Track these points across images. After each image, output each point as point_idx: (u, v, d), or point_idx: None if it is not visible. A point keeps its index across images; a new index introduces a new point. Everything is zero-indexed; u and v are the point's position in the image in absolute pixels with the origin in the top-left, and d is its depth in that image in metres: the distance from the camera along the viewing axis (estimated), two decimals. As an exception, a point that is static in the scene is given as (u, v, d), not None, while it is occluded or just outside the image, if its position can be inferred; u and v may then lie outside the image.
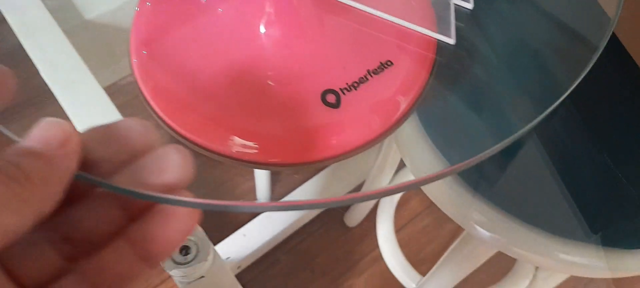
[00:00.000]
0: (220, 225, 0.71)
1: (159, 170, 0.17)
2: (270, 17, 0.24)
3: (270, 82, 0.24)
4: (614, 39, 0.36)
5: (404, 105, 0.25)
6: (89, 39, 0.32)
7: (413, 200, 0.85)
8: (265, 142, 0.24)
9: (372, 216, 0.77)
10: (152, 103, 0.26)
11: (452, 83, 0.29)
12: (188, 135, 0.25)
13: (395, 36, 0.26)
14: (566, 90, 0.23)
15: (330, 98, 0.24)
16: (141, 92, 0.26)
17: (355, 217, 0.77)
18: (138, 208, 0.17)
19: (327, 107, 0.24)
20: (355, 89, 0.24)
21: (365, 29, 0.25)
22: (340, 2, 0.20)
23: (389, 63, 0.25)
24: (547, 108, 0.22)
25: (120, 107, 0.30)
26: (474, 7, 0.28)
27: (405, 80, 0.25)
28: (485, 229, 0.31)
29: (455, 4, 0.27)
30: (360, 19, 0.25)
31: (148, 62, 0.26)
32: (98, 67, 0.32)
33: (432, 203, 0.36)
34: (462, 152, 0.32)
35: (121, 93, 0.32)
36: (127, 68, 0.27)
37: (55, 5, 0.30)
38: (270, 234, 0.71)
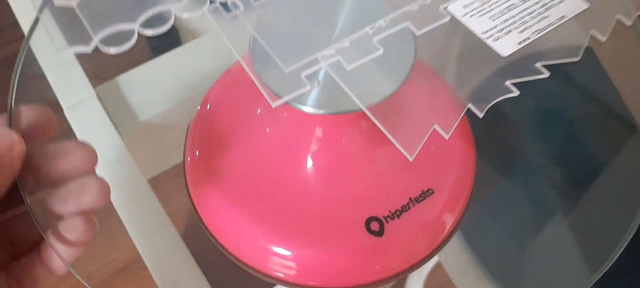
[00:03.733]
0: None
1: (77, 194, 0.20)
2: (318, 149, 0.25)
3: (315, 208, 0.25)
4: None
5: (445, 231, 0.26)
6: (143, 139, 0.34)
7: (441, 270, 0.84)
8: (306, 265, 0.25)
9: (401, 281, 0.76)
10: (197, 207, 0.27)
11: (492, 205, 0.29)
12: (228, 247, 0.26)
13: (435, 166, 0.27)
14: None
15: (374, 226, 0.25)
16: (188, 192, 0.28)
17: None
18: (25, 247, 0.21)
19: (371, 235, 0.25)
20: (398, 218, 0.25)
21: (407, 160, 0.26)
22: (385, 137, 0.21)
23: (430, 191, 0.26)
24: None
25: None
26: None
27: (445, 207, 0.26)
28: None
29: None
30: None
31: (199, 166, 0.27)
32: (148, 165, 0.34)
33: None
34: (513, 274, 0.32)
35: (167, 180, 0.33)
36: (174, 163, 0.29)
37: (112, 107, 0.32)
38: None
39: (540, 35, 0.23)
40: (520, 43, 0.23)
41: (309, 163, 0.26)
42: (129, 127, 0.33)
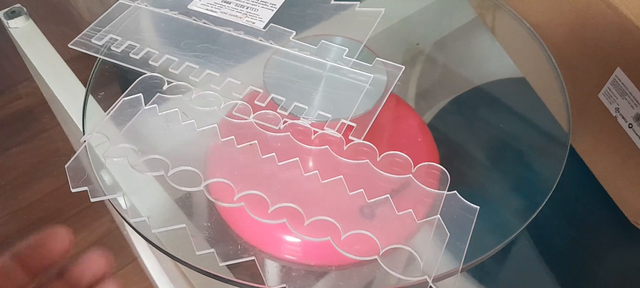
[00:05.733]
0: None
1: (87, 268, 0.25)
2: (320, 153, 0.33)
3: (320, 205, 0.32)
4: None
5: (419, 217, 0.33)
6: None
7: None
8: (312, 247, 0.32)
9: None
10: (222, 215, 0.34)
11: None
12: (260, 246, 0.33)
13: (409, 165, 0.34)
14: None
15: (366, 212, 0.32)
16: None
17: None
18: None
19: (365, 219, 0.32)
20: (384, 205, 0.32)
21: (388, 162, 0.34)
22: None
23: (407, 184, 0.34)
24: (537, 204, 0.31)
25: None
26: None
27: (418, 198, 0.34)
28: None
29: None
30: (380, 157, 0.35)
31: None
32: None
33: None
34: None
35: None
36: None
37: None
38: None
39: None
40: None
41: (311, 165, 0.34)
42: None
